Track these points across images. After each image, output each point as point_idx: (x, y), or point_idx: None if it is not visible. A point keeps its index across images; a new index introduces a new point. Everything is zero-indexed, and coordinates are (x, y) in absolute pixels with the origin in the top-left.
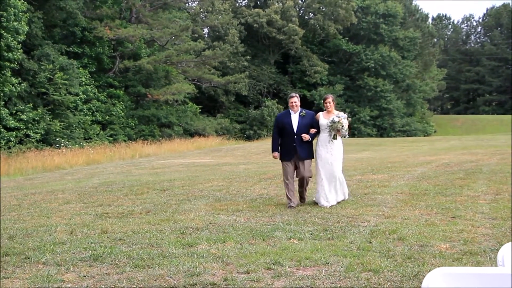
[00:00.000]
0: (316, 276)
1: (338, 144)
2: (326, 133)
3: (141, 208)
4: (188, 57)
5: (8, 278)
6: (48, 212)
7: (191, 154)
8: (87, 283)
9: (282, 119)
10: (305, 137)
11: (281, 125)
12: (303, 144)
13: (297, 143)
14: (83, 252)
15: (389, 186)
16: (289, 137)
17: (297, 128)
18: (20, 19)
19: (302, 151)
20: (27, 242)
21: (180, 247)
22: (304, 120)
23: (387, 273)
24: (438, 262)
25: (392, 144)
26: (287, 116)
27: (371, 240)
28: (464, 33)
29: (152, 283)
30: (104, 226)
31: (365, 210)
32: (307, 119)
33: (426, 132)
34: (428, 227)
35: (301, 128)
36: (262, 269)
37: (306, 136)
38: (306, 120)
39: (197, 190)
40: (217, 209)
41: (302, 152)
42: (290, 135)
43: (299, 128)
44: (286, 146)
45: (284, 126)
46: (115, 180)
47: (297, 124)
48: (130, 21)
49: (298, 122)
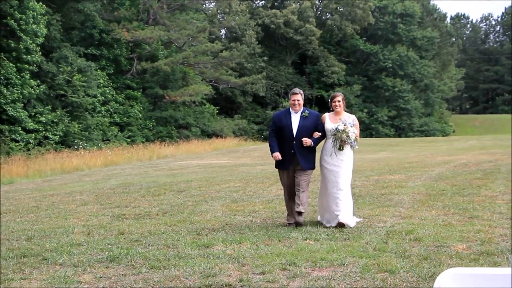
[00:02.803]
0: (331, 277)
1: (347, 153)
2: (332, 140)
3: (158, 209)
4: (205, 58)
5: (26, 279)
6: (65, 213)
7: (208, 155)
8: (104, 284)
9: (280, 120)
10: (305, 141)
11: (279, 127)
12: (303, 150)
13: (296, 149)
14: (99, 253)
15: (406, 186)
16: (287, 141)
17: (297, 131)
18: (38, 22)
19: (302, 159)
20: (45, 243)
21: (196, 248)
22: (306, 121)
23: (403, 274)
24: (454, 262)
25: (410, 144)
26: (287, 116)
27: (387, 240)
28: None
29: (168, 284)
30: (121, 228)
31: (382, 211)
32: (310, 121)
33: (445, 132)
34: (445, 227)
35: (302, 131)
36: (278, 270)
37: (308, 140)
38: (309, 121)
39: (213, 191)
40: (234, 210)
41: (302, 160)
42: (289, 139)
43: (300, 131)
44: (284, 152)
45: (282, 128)
46: (133, 182)
47: (298, 126)
48: (147, 23)
49: (299, 124)
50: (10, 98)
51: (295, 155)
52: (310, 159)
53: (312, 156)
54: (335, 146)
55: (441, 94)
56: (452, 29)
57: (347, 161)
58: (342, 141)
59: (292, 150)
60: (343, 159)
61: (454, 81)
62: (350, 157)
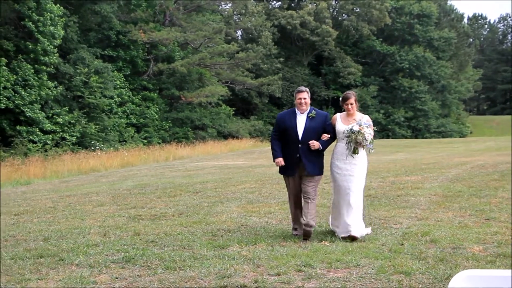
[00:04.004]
0: (347, 279)
1: (361, 157)
2: (344, 144)
3: (173, 210)
4: (221, 60)
5: (42, 279)
6: (82, 214)
7: (224, 156)
8: (119, 284)
9: (284, 121)
10: (313, 144)
11: (283, 128)
12: (310, 154)
13: (302, 153)
14: (115, 254)
15: (422, 187)
16: (292, 145)
17: (304, 133)
18: (56, 24)
19: (308, 164)
20: (61, 244)
21: (212, 249)
22: (313, 122)
23: (419, 276)
24: (471, 264)
25: (426, 145)
26: (292, 116)
27: (403, 242)
28: (500, 33)
29: (183, 285)
30: (137, 228)
31: (398, 212)
32: (318, 122)
33: (462, 133)
34: (461, 229)
35: (309, 134)
36: (293, 271)
37: (315, 143)
38: (317, 123)
39: (229, 192)
40: (249, 211)
41: (309, 165)
42: (294, 143)
43: (306, 133)
44: (288, 156)
45: (287, 130)
46: (149, 183)
47: (304, 128)
48: (164, 24)
49: (306, 125)
50: (28, 99)
51: (301, 159)
52: (318, 164)
53: (320, 160)
54: (349, 149)
55: (458, 95)
56: (469, 29)
57: (360, 166)
58: (357, 143)
59: (298, 154)
60: (356, 164)
61: (471, 82)
62: (364, 162)
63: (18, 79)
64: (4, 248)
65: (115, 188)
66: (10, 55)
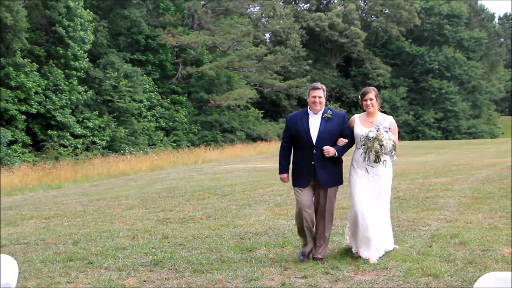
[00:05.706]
0: (374, 281)
1: (383, 167)
2: (363, 151)
3: (201, 213)
4: (249, 62)
5: (72, 282)
6: (111, 217)
7: (253, 159)
8: (148, 287)
9: (296, 123)
10: (327, 151)
11: (294, 132)
12: (326, 162)
13: (316, 160)
14: (144, 257)
15: (452, 189)
16: (305, 150)
17: (318, 137)
18: (86, 29)
19: (323, 173)
20: (91, 247)
21: (239, 252)
22: (329, 125)
23: (447, 278)
24: (500, 266)
25: (457, 146)
26: (304, 118)
27: (431, 244)
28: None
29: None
30: (165, 231)
31: (427, 214)
32: (334, 124)
33: (493, 134)
34: (491, 231)
35: (324, 138)
36: (320, 274)
37: (330, 149)
38: (333, 125)
39: (257, 195)
40: (277, 214)
41: (324, 174)
42: (307, 148)
43: (321, 137)
44: (301, 164)
45: (298, 134)
46: (177, 186)
47: (318, 132)
48: (192, 27)
49: (320, 128)
50: (58, 104)
51: (315, 168)
52: (335, 173)
53: (338, 168)
54: (367, 159)
55: (489, 96)
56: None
57: (384, 177)
58: (376, 151)
59: (312, 162)
60: (379, 175)
61: (502, 82)
62: (389, 172)
63: (49, 84)
64: (35, 252)
65: (144, 191)
66: (41, 60)
